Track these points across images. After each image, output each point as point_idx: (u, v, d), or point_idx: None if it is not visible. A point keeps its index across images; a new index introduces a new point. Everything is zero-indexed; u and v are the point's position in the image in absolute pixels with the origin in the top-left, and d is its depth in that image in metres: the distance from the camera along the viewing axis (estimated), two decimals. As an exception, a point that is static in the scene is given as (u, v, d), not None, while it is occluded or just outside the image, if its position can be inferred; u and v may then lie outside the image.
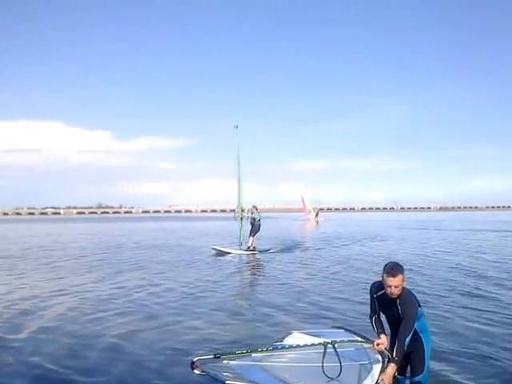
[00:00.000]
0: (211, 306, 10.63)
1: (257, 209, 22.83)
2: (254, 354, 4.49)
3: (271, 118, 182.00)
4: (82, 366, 6.71)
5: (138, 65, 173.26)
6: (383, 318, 4.90)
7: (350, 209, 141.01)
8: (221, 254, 20.99)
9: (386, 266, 4.66)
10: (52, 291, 12.59)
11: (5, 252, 23.08)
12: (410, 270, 14.56)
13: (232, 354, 4.51)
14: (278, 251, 22.06)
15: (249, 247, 21.68)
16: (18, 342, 7.93)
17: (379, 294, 4.74)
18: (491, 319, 8.83)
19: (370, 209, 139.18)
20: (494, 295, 11.12)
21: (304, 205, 67.67)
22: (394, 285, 4.52)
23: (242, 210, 22.66)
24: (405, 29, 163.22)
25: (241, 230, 22.31)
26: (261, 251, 21.53)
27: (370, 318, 4.90)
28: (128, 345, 7.73)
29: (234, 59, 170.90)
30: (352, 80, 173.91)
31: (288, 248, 23.74)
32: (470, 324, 8.57)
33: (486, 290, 11.67)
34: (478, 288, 11.99)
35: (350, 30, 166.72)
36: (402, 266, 4.64)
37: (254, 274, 16.32)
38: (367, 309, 4.95)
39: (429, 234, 33.11)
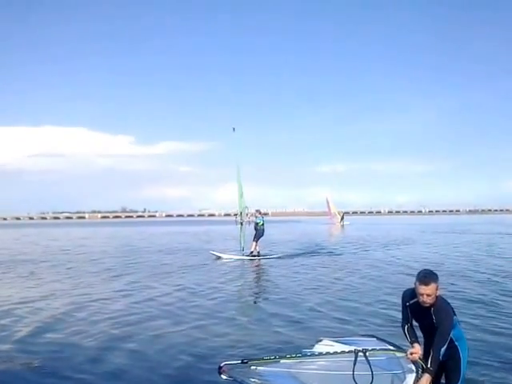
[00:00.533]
0: (228, 311, 10.64)
1: (260, 213, 22.37)
2: (282, 361, 4.39)
3: (294, 121, 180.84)
4: (103, 370, 6.78)
5: (159, 70, 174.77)
6: (416, 326, 4.75)
7: (377, 212, 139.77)
8: (224, 258, 20.87)
9: (419, 273, 4.53)
10: (60, 293, 12.98)
11: (28, 256, 23.63)
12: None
13: (260, 359, 4.42)
14: (286, 256, 21.64)
15: (251, 252, 21.22)
16: (37, 345, 8.05)
17: (412, 302, 4.61)
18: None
19: (396, 212, 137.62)
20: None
21: (329, 208, 66.96)
22: (427, 293, 4.38)
23: (241, 215, 22.17)
24: (435, 31, 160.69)
25: (241, 234, 22.02)
26: (265, 257, 21.23)
27: (402, 326, 4.76)
28: (151, 348, 7.73)
29: (258, 61, 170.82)
30: (379, 82, 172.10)
31: (309, 252, 23.52)
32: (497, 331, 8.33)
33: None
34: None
35: (378, 30, 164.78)
36: (435, 274, 4.50)
37: (274, 280, 15.84)
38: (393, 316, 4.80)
39: (458, 238, 32.48)
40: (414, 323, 4.73)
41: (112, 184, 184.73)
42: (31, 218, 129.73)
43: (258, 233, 21.51)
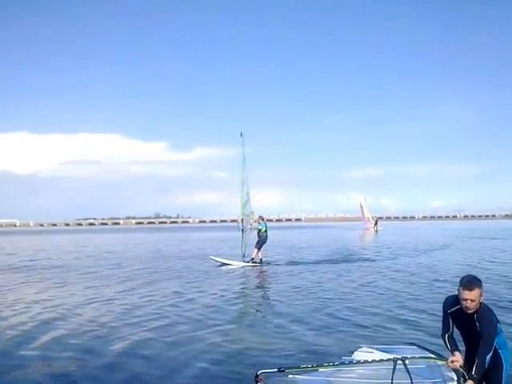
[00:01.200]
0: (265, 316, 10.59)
1: (263, 219, 22.08)
2: (320, 369, 4.33)
3: (326, 125, 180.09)
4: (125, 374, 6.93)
5: (193, 77, 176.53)
6: (456, 334, 4.64)
7: (411, 217, 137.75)
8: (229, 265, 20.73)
9: (462, 279, 4.45)
10: (89, 299, 13.21)
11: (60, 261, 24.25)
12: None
13: (297, 367, 4.37)
14: (287, 263, 21.43)
15: (252, 259, 20.87)
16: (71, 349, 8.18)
17: (454, 309, 4.52)
18: None
19: (431, 217, 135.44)
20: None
21: (363, 213, 66.29)
22: (471, 299, 4.29)
23: (243, 221, 21.80)
24: (470, 28, 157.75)
25: (243, 241, 21.65)
26: (268, 263, 21.05)
27: (443, 335, 4.66)
28: (187, 352, 7.79)
29: (289, 68, 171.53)
30: (413, 83, 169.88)
31: (337, 258, 23.20)
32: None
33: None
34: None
35: (412, 27, 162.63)
36: (479, 280, 4.41)
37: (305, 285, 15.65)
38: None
39: (496, 244, 31.71)
40: (455, 331, 4.63)
41: (146, 190, 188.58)
42: (67, 225, 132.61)
43: (261, 239, 21.22)
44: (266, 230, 21.26)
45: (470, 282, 4.35)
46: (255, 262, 20.78)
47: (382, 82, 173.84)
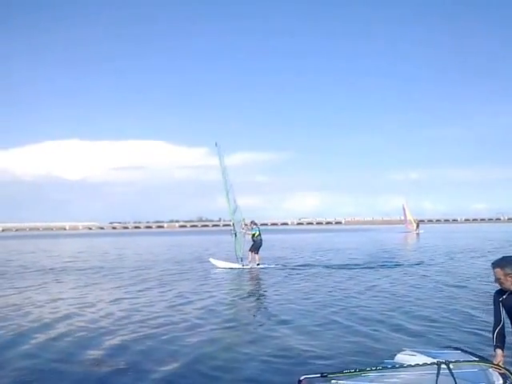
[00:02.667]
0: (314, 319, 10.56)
1: (256, 224, 22.24)
2: (363, 374, 4.33)
3: (366, 129, 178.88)
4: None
5: (233, 83, 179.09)
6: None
7: (453, 220, 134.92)
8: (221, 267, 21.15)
9: None
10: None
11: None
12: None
13: (340, 372, 4.36)
14: (298, 266, 21.38)
15: (250, 261, 21.30)
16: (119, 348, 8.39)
17: (504, 296, 4.59)
18: None
19: (474, 220, 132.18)
20: None
21: (405, 215, 65.35)
22: (496, 276, 4.57)
23: (234, 226, 21.82)
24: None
25: (236, 245, 21.72)
26: (264, 266, 21.11)
27: (493, 329, 4.66)
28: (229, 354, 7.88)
29: (329, 74, 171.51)
30: (454, 87, 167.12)
31: (373, 262, 22.70)
32: None
33: None
34: None
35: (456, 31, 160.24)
36: (504, 260, 4.60)
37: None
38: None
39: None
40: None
41: (189, 194, 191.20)
42: (114, 228, 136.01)
43: (256, 243, 21.49)
44: (259, 234, 21.59)
45: (493, 261, 4.66)
46: (252, 266, 21.17)
47: (422, 86, 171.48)
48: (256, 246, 21.55)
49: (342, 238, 50.57)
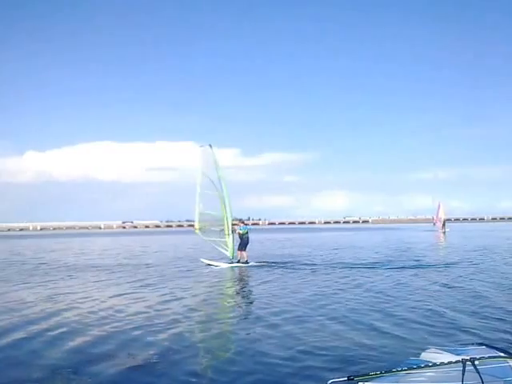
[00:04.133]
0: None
1: (243, 222, 23.12)
2: (388, 375, 4.34)
3: (394, 128, 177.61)
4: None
5: (263, 84, 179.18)
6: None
7: (480, 219, 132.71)
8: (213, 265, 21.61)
9: None
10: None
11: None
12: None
13: (366, 375, 4.37)
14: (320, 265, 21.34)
15: (238, 260, 21.94)
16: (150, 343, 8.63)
17: None
18: None
19: (501, 219, 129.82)
20: None
21: (438, 214, 64.75)
22: None
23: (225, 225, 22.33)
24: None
25: (228, 245, 22.29)
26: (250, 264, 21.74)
27: None
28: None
29: (356, 75, 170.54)
30: (482, 85, 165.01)
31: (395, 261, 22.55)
32: None
33: None
34: None
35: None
36: None
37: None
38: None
39: None
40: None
41: None
42: (147, 227, 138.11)
43: (243, 241, 22.16)
44: (246, 233, 22.28)
45: None
46: (242, 263, 21.80)
47: (450, 86, 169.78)
48: (243, 244, 22.24)
49: (363, 237, 50.42)
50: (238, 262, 21.99)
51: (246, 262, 21.96)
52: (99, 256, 30.53)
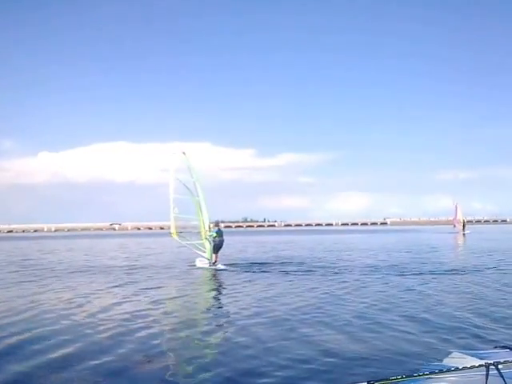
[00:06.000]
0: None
1: (216, 225, 23.30)
2: (410, 379, 4.26)
3: (414, 128, 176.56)
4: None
5: (280, 83, 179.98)
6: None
7: (502, 221, 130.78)
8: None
9: None
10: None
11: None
12: None
13: (386, 379, 4.30)
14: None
15: (214, 263, 22.22)
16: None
17: None
18: None
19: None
20: None
21: (456, 215, 63.92)
22: None
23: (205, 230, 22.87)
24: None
25: (206, 247, 22.72)
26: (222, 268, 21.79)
27: None
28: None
29: (377, 72, 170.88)
30: (504, 85, 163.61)
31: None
32: None
33: None
34: None
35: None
36: None
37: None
38: None
39: None
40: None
41: (235, 195, 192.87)
42: (162, 228, 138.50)
43: (215, 244, 22.46)
44: (217, 235, 22.45)
45: None
46: (217, 266, 22.09)
47: (472, 85, 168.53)
48: (216, 247, 22.55)
49: (378, 239, 49.89)
50: (214, 263, 22.42)
51: (213, 264, 22.34)
52: (103, 257, 30.48)
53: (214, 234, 22.52)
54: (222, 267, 21.87)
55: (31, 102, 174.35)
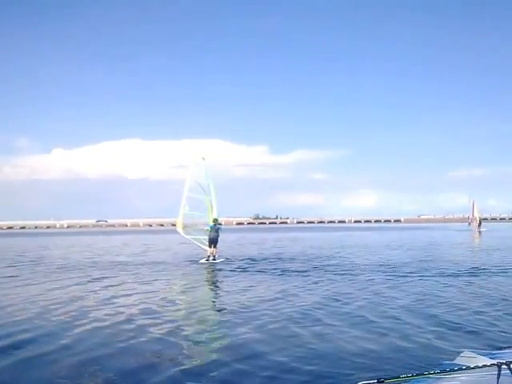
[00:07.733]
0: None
1: (214, 221, 23.94)
2: (421, 378, 4.23)
3: (428, 126, 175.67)
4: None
5: (291, 81, 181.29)
6: None
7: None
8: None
9: None
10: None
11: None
12: None
13: (397, 377, 4.27)
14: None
15: (208, 257, 23.11)
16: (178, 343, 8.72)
17: None
18: None
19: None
20: None
21: (472, 213, 63.38)
22: None
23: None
24: None
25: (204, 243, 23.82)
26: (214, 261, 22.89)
27: None
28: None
29: (390, 72, 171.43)
30: None
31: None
32: None
33: None
34: None
35: None
36: None
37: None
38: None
39: None
40: None
41: (247, 192, 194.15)
42: (173, 225, 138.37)
43: (209, 238, 23.40)
44: (211, 230, 23.40)
45: None
46: (212, 260, 23.04)
47: (486, 83, 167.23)
48: (210, 241, 23.41)
49: (387, 237, 49.36)
50: (214, 258, 23.23)
51: (214, 259, 23.21)
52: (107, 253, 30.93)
53: (209, 229, 23.53)
54: (219, 261, 22.99)
55: (46, 101, 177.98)
